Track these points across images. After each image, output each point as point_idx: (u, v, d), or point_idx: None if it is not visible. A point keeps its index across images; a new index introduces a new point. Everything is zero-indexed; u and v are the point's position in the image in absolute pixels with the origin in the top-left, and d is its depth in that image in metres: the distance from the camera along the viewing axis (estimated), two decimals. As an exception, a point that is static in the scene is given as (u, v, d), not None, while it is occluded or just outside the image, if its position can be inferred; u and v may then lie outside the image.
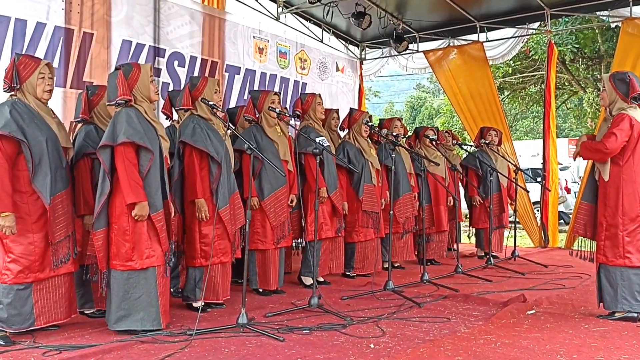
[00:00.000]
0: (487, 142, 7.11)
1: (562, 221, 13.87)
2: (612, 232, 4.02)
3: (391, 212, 5.17)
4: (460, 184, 7.30)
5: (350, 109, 6.09)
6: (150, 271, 3.65)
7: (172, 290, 4.77)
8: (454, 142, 7.33)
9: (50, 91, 3.70)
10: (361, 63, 9.94)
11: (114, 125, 3.64)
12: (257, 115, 4.96)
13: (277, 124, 4.97)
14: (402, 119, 6.63)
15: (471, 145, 7.12)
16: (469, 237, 7.58)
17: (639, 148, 3.99)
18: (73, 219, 3.76)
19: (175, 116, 5.17)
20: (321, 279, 5.43)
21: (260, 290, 4.91)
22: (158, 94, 3.90)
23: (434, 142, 6.54)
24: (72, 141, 4.08)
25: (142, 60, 6.38)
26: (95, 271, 3.75)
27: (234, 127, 5.34)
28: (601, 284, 4.13)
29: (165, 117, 5.31)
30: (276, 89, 8.20)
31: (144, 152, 3.66)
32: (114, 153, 3.62)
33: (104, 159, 3.62)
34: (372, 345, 3.43)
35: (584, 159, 4.40)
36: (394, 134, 5.93)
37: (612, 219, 4.02)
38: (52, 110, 3.77)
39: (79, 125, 4.29)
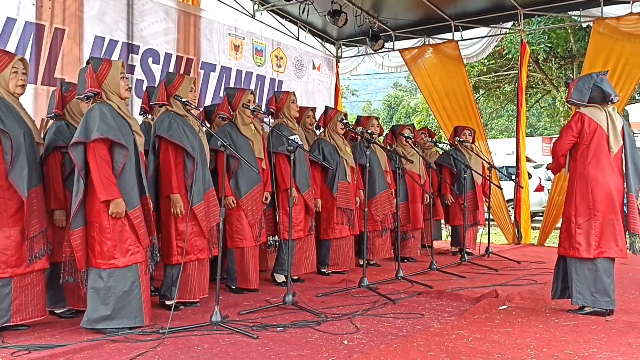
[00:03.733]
0: (461, 140, 7.19)
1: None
2: (567, 224, 4.19)
3: (365, 210, 5.18)
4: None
5: (326, 107, 6.09)
6: (133, 268, 3.62)
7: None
8: (429, 139, 7.39)
9: (24, 86, 3.69)
10: (337, 61, 9.95)
11: (86, 122, 3.58)
12: (231, 114, 4.93)
13: (252, 121, 4.94)
14: (379, 118, 6.66)
15: (446, 144, 7.18)
16: (447, 235, 7.65)
17: (594, 143, 4.11)
18: (45, 215, 3.72)
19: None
20: (295, 277, 5.41)
21: (233, 287, 4.88)
22: (129, 90, 3.84)
23: (410, 140, 6.59)
24: (43, 136, 4.03)
25: (115, 57, 6.30)
26: (70, 270, 3.69)
27: (209, 125, 5.29)
28: (557, 275, 4.31)
29: (143, 112, 5.22)
30: (252, 87, 8.17)
31: (118, 149, 3.61)
32: (86, 150, 3.56)
33: (75, 156, 3.55)
34: (345, 342, 3.44)
35: (553, 173, 4.73)
36: (370, 131, 5.96)
37: (567, 211, 4.21)
38: (22, 106, 3.73)
39: (50, 121, 4.22)
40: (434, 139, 7.48)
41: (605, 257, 4.08)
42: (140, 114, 5.21)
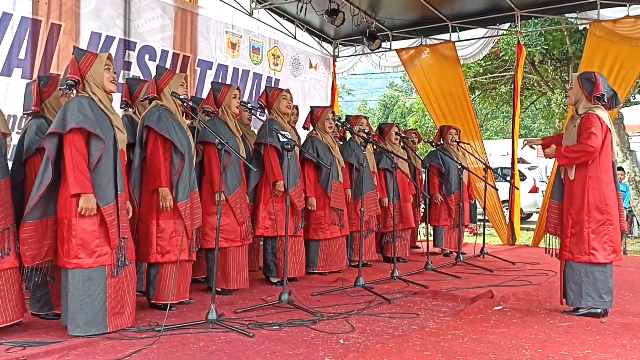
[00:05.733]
0: (456, 140, 7.21)
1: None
2: (577, 229, 4.09)
3: (362, 209, 5.17)
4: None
5: (311, 107, 5.98)
6: (99, 271, 3.44)
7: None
8: (429, 141, 7.36)
9: None
10: (334, 60, 9.95)
11: (64, 113, 3.44)
12: (216, 109, 4.80)
13: (234, 120, 4.85)
14: (367, 117, 6.64)
15: (436, 143, 7.17)
16: (425, 235, 7.64)
17: (605, 147, 4.07)
18: (12, 211, 3.51)
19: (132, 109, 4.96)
20: (290, 276, 5.37)
21: (219, 290, 4.66)
22: (115, 83, 3.68)
23: (399, 139, 6.59)
24: (22, 134, 3.89)
25: (111, 53, 6.27)
26: (48, 270, 3.55)
27: (199, 120, 5.14)
28: (565, 281, 4.21)
29: (124, 105, 4.90)
30: (249, 85, 8.16)
31: (95, 141, 3.46)
32: (61, 142, 3.42)
33: (49, 146, 3.41)
34: (341, 341, 3.43)
35: (563, 165, 4.22)
36: (366, 131, 5.94)
37: (578, 216, 4.09)
38: None
39: (28, 118, 4.01)
40: (421, 140, 7.50)
41: (616, 260, 4.09)
42: (121, 107, 4.95)
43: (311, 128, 5.88)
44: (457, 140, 7.22)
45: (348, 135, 6.47)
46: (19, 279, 3.55)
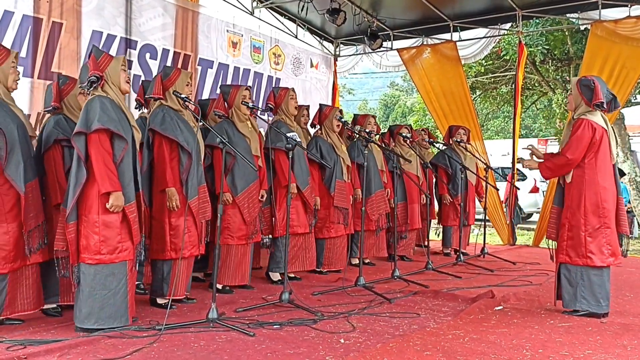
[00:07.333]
0: (458, 140, 7.20)
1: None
2: (574, 232, 4.10)
3: (363, 209, 5.17)
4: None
5: (320, 105, 6.03)
6: (120, 265, 3.55)
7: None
8: (429, 140, 7.36)
9: (18, 81, 3.69)
10: (335, 60, 9.94)
11: (87, 112, 3.53)
12: (228, 111, 4.89)
13: (248, 119, 4.90)
14: (375, 116, 6.64)
15: (443, 144, 7.18)
16: (437, 235, 7.67)
17: (601, 150, 4.07)
18: (42, 208, 3.70)
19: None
20: (291, 275, 5.39)
21: (220, 287, 4.70)
22: (129, 83, 3.81)
23: (408, 141, 6.59)
24: (40, 131, 4.01)
25: (112, 52, 6.27)
26: (66, 265, 3.63)
27: (203, 122, 5.17)
28: (560, 283, 4.23)
29: (138, 105, 5.00)
30: (249, 84, 8.15)
31: (118, 141, 3.57)
32: (87, 141, 3.51)
33: (79, 146, 3.50)
34: (342, 340, 3.44)
35: (547, 178, 4.50)
36: (367, 130, 5.95)
37: (574, 219, 4.10)
38: (13, 100, 3.74)
39: (47, 115, 4.17)
40: (432, 140, 7.49)
41: (614, 264, 4.09)
42: (135, 108, 5.08)
43: (318, 127, 5.90)
44: (459, 140, 7.21)
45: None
46: (39, 272, 3.72)
